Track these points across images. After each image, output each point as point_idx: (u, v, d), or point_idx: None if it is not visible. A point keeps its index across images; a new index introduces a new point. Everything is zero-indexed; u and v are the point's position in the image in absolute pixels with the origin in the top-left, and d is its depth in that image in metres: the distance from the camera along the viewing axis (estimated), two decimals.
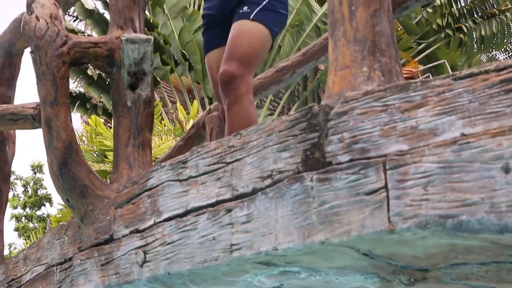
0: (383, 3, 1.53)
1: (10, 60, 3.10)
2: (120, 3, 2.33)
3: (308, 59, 3.33)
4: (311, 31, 14.45)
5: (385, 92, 1.36)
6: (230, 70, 2.49)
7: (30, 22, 2.17)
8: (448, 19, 15.91)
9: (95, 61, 2.24)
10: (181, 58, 14.31)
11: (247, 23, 2.56)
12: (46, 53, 2.13)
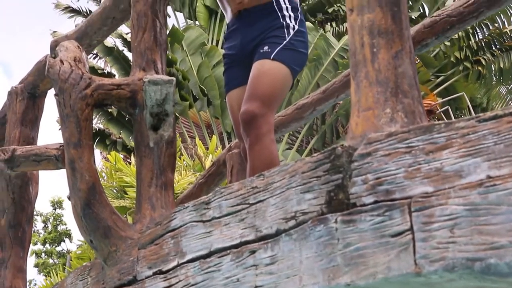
0: (404, 44, 1.54)
1: (33, 101, 3.15)
2: (142, 45, 2.36)
3: (328, 97, 3.34)
4: (328, 65, 14.51)
5: (408, 133, 1.37)
6: (252, 109, 2.50)
7: (55, 65, 2.20)
8: (466, 52, 15.91)
9: (118, 102, 2.27)
10: (199, 93, 14.41)
11: (268, 62, 2.58)
12: (70, 96, 2.16)
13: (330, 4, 17.75)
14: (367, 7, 1.58)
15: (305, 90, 14.09)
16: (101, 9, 2.73)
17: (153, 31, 2.38)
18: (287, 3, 2.71)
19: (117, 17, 2.69)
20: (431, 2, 16.97)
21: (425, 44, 2.82)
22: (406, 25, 1.56)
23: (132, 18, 2.42)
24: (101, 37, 2.79)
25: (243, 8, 2.74)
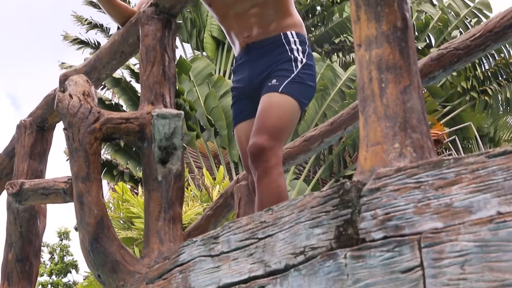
0: (413, 79, 1.54)
1: (42, 134, 3.16)
2: (151, 79, 2.37)
3: (335, 129, 3.35)
4: (335, 95, 14.55)
5: (418, 168, 1.37)
6: (260, 142, 2.50)
7: (64, 100, 2.22)
8: (473, 82, 15.94)
9: (126, 136, 2.27)
10: (206, 123, 14.44)
11: (276, 95, 2.59)
12: (79, 130, 2.17)
13: (336, 34, 17.86)
14: (375, 42, 1.58)
15: (312, 120, 14.11)
16: (110, 43, 2.75)
17: (161, 65, 2.39)
18: (295, 37, 2.73)
19: (126, 51, 2.71)
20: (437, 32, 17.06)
21: (433, 77, 2.83)
22: (414, 60, 1.57)
23: (141, 52, 2.44)
24: (110, 70, 2.81)
25: (251, 42, 2.76)
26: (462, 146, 14.81)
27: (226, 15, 2.79)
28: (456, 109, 16.14)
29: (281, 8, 2.74)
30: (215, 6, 2.82)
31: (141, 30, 2.47)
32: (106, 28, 16.50)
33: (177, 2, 2.50)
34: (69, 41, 16.28)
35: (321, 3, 18.27)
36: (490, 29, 2.66)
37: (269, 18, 2.73)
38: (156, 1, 2.51)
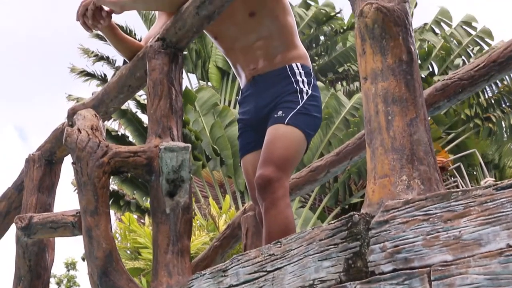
0: (419, 112, 1.55)
1: (50, 168, 3.18)
2: (158, 112, 2.39)
3: (342, 159, 3.36)
4: (340, 124, 14.58)
5: (426, 201, 1.37)
6: (267, 174, 2.51)
7: (72, 134, 2.23)
8: (476, 109, 15.98)
9: (134, 169, 2.29)
10: (212, 153, 14.47)
11: (282, 127, 2.60)
12: (87, 164, 2.19)
13: (340, 64, 17.96)
14: (380, 75, 1.60)
15: (317, 149, 14.13)
16: (117, 77, 2.77)
17: (169, 99, 2.41)
18: (300, 69, 2.75)
19: (133, 85, 2.73)
20: (439, 61, 17.13)
21: (437, 107, 2.84)
22: (420, 92, 1.59)
23: (148, 86, 2.46)
24: (117, 104, 2.83)
25: (257, 74, 2.78)
26: (467, 173, 14.78)
27: (232, 48, 2.82)
28: (460, 136, 16.15)
29: (286, 41, 2.77)
30: (221, 39, 2.85)
31: (148, 64, 2.49)
32: (112, 60, 16.62)
33: (183, 37, 2.52)
34: (76, 73, 16.39)
35: (325, 33, 18.40)
36: (494, 59, 2.68)
37: (275, 50, 2.75)
38: (163, 36, 2.53)
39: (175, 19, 2.52)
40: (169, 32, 2.52)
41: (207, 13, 2.42)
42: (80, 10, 2.57)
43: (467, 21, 18.27)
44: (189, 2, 2.47)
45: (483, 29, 17.99)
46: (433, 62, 17.25)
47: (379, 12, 1.62)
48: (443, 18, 18.55)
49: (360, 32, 1.67)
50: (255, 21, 2.73)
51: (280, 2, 2.76)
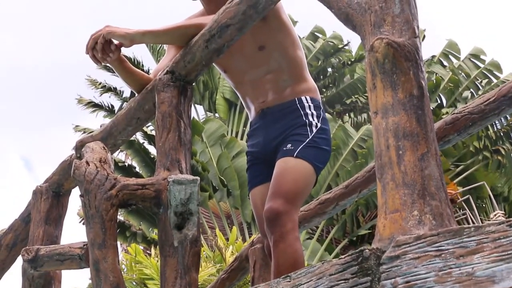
0: (430, 147, 1.55)
1: (58, 200, 3.17)
2: (166, 145, 2.39)
3: (351, 192, 3.34)
4: (348, 155, 14.57)
5: (438, 236, 1.36)
6: (276, 207, 2.50)
7: (81, 167, 2.23)
8: (485, 142, 15.95)
9: (142, 202, 2.28)
10: (219, 184, 14.46)
11: (291, 160, 2.60)
12: (95, 197, 2.18)
13: (348, 95, 18.01)
14: (391, 110, 1.60)
15: (325, 180, 14.10)
16: (126, 110, 2.78)
17: (177, 132, 2.41)
18: (309, 102, 2.75)
19: (142, 117, 2.74)
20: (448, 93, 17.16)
21: (447, 141, 2.84)
22: (431, 127, 1.58)
23: (157, 119, 2.46)
24: (125, 136, 2.83)
25: (266, 107, 2.78)
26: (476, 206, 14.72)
27: (242, 81, 2.82)
28: (469, 168, 16.10)
29: (296, 74, 2.77)
30: (231, 72, 2.85)
31: (157, 97, 2.50)
32: (119, 91, 16.72)
33: (193, 70, 2.53)
34: (83, 105, 16.47)
35: (332, 65, 18.49)
36: (504, 93, 2.67)
37: (284, 84, 2.76)
38: (172, 69, 2.54)
39: (184, 52, 2.53)
40: (178, 65, 2.53)
41: (216, 46, 2.43)
42: (89, 43, 2.59)
43: (475, 54, 18.33)
44: (198, 36, 2.48)
45: (492, 62, 18.04)
46: (441, 94, 17.28)
47: (389, 47, 1.62)
48: (451, 51, 18.62)
49: (371, 67, 1.66)
50: (265, 54, 2.74)
51: (289, 35, 2.77)
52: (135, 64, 15.74)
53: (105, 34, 2.56)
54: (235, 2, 2.32)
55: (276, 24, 2.74)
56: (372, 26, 1.72)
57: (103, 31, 2.57)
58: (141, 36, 2.58)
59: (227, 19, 2.34)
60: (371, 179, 3.24)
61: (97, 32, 2.58)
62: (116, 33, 2.55)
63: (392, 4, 1.71)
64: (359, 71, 18.05)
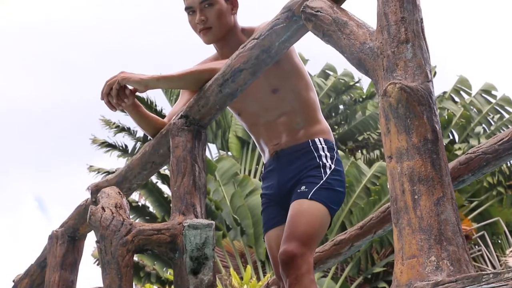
0: (446, 191, 1.54)
1: (73, 244, 3.18)
2: (181, 189, 2.40)
3: (365, 233, 3.34)
4: (361, 192, 14.52)
5: (456, 283, 1.35)
6: (290, 249, 2.50)
7: (97, 213, 2.24)
8: (499, 177, 15.86)
9: (158, 247, 2.28)
10: (233, 223, 14.42)
11: (305, 202, 2.60)
12: (111, 243, 2.18)
13: (360, 132, 18.00)
14: (406, 154, 1.60)
15: (338, 218, 14.03)
16: (140, 154, 2.79)
17: (192, 176, 2.42)
18: (323, 143, 2.76)
19: (157, 161, 2.75)
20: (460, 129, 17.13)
21: (462, 181, 2.83)
22: (446, 171, 1.58)
23: (172, 163, 2.47)
24: (140, 180, 2.84)
25: (280, 149, 2.79)
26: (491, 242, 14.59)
27: (256, 124, 2.84)
28: (484, 204, 15.99)
29: (309, 116, 2.79)
30: (245, 115, 2.87)
31: (172, 141, 2.51)
32: (133, 131, 16.78)
33: (206, 114, 2.55)
34: (97, 145, 16.54)
35: (344, 102, 18.52)
36: None
37: (297, 125, 2.77)
38: (186, 113, 2.56)
39: (198, 96, 2.55)
40: (192, 109, 2.55)
41: (229, 91, 2.45)
42: (104, 89, 2.61)
43: (487, 89, 18.33)
44: (212, 80, 2.50)
45: (503, 97, 18.01)
46: (453, 130, 17.25)
47: (403, 91, 1.63)
48: (462, 87, 18.63)
49: (384, 111, 1.67)
50: (278, 97, 2.76)
51: (303, 78, 2.80)
52: (148, 104, 15.83)
53: (120, 80, 2.58)
54: (248, 47, 2.34)
55: (289, 67, 2.76)
56: (384, 70, 1.73)
57: (118, 77, 2.59)
58: (156, 81, 2.60)
59: (240, 64, 2.37)
60: (385, 220, 3.23)
61: (112, 78, 2.60)
62: (131, 79, 2.58)
63: (404, 49, 1.72)
64: (371, 108, 18.06)
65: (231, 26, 2.80)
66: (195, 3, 2.76)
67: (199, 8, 2.76)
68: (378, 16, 1.82)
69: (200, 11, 2.76)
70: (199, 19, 2.76)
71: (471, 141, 16.50)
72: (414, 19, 1.76)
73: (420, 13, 1.79)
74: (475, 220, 15.47)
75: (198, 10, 2.76)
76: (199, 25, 2.77)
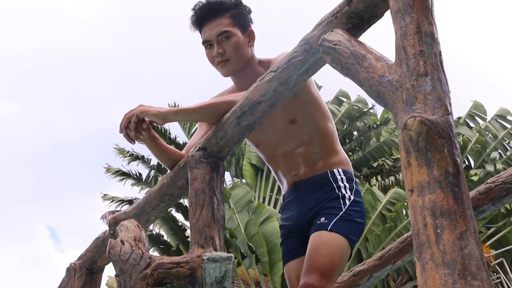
0: (468, 225, 1.53)
1: (91, 277, 3.18)
2: (200, 222, 2.39)
3: (385, 263, 3.31)
4: (376, 219, 14.43)
5: None
6: (311, 282, 2.48)
7: (116, 246, 2.24)
8: None
9: (177, 280, 2.27)
10: (247, 251, 14.35)
11: (325, 234, 2.59)
12: (130, 277, 2.18)
13: (374, 158, 17.96)
14: (427, 188, 1.59)
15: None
16: (158, 186, 2.80)
17: (210, 208, 2.42)
18: (341, 174, 2.75)
19: (175, 193, 2.75)
20: (475, 154, 17.05)
21: (482, 211, 2.81)
22: (468, 205, 1.57)
23: (190, 196, 2.47)
24: (158, 213, 2.84)
25: (298, 180, 2.79)
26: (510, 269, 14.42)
27: (274, 155, 2.84)
28: (501, 230, 15.84)
29: (327, 147, 2.79)
30: (263, 146, 2.87)
31: (190, 174, 2.52)
32: (147, 159, 16.84)
33: (224, 146, 2.55)
34: (111, 173, 16.59)
35: (358, 128, 18.52)
36: None
37: (316, 156, 2.77)
38: (204, 145, 2.57)
39: (216, 129, 2.55)
40: (210, 142, 2.56)
41: (247, 123, 2.46)
42: (123, 122, 2.62)
43: (502, 115, 18.27)
44: (230, 113, 2.51)
45: None
46: (469, 155, 17.17)
47: (423, 125, 1.63)
48: (477, 112, 18.58)
49: (405, 145, 1.67)
50: (296, 128, 2.76)
51: (320, 108, 2.80)
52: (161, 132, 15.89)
53: (138, 113, 2.59)
54: (266, 79, 2.35)
55: (306, 97, 2.77)
56: (404, 103, 1.73)
57: (136, 110, 2.61)
58: (174, 114, 2.61)
59: (258, 96, 2.37)
60: (405, 251, 3.21)
61: (131, 111, 2.62)
62: (149, 112, 2.59)
63: (424, 82, 1.72)
64: (385, 134, 18.04)
65: (249, 58, 2.82)
66: (213, 36, 2.78)
67: (216, 41, 2.78)
68: (396, 49, 1.82)
69: (217, 44, 2.78)
70: (216, 51, 2.78)
71: (487, 167, 16.41)
72: (432, 52, 1.76)
73: (439, 46, 1.79)
74: (493, 246, 15.32)
75: (216, 43, 2.78)
76: (217, 57, 2.79)
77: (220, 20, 2.79)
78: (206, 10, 2.81)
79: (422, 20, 1.79)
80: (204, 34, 2.81)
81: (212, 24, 2.79)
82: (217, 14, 2.79)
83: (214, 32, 2.78)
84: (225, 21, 2.79)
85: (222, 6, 2.81)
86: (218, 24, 2.78)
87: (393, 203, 14.33)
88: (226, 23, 2.79)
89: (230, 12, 2.81)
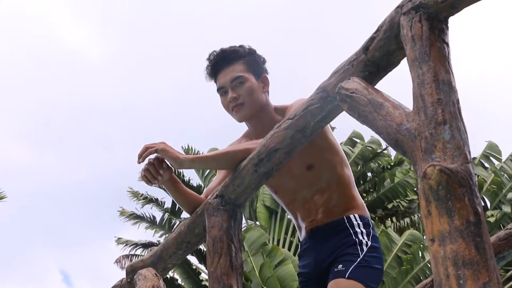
0: (491, 275, 1.52)
1: None
2: (218, 270, 2.38)
3: None
4: (392, 261, 14.29)
5: None
6: None
7: None
8: None
9: None
10: None
11: (343, 281, 2.57)
12: None
13: (389, 200, 17.85)
14: (448, 237, 1.58)
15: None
16: (176, 233, 2.79)
17: (228, 256, 2.41)
18: (358, 220, 2.74)
19: (192, 241, 2.75)
20: (491, 195, 16.92)
21: (502, 257, 2.78)
22: (491, 254, 1.55)
23: (208, 244, 2.47)
24: (176, 260, 2.83)
25: (315, 226, 2.78)
26: None
27: (293, 201, 2.84)
28: None
29: (344, 192, 2.78)
30: (281, 193, 2.87)
31: (208, 221, 2.51)
32: (161, 202, 16.82)
33: (242, 193, 2.56)
34: (125, 216, 16.57)
35: (372, 169, 18.45)
36: None
37: (333, 202, 2.76)
38: (221, 193, 2.57)
39: (234, 176, 2.56)
40: (227, 189, 2.56)
41: (265, 170, 2.46)
42: (142, 151, 2.56)
43: None
44: (247, 160, 2.51)
45: None
46: (484, 196, 17.04)
47: (443, 174, 1.62)
48: (492, 152, 18.48)
49: (425, 194, 1.66)
50: (313, 174, 2.76)
51: (337, 154, 2.80)
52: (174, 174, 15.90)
53: (159, 149, 2.56)
54: (283, 126, 2.36)
55: (323, 143, 2.77)
56: (423, 152, 1.73)
57: (158, 145, 2.57)
58: (191, 162, 2.62)
59: (275, 144, 2.38)
60: None
61: (152, 144, 2.59)
62: (169, 153, 2.56)
63: (442, 131, 1.72)
64: (399, 175, 17.96)
65: (263, 104, 2.83)
66: (227, 83, 2.81)
67: (230, 87, 2.80)
68: (414, 98, 1.82)
69: (231, 89, 2.80)
70: (231, 97, 2.80)
71: (504, 208, 16.26)
72: (450, 100, 1.76)
73: (456, 94, 1.79)
74: None
75: (230, 89, 2.80)
76: (231, 103, 2.80)
77: (234, 67, 2.81)
78: (221, 58, 2.84)
79: (439, 68, 1.80)
80: (219, 81, 2.84)
81: (226, 71, 2.81)
82: (231, 61, 2.82)
83: (228, 78, 2.80)
84: (239, 67, 2.82)
85: (236, 53, 2.84)
86: (232, 70, 2.81)
87: (409, 245, 14.19)
88: (240, 69, 2.81)
89: (244, 59, 2.84)
